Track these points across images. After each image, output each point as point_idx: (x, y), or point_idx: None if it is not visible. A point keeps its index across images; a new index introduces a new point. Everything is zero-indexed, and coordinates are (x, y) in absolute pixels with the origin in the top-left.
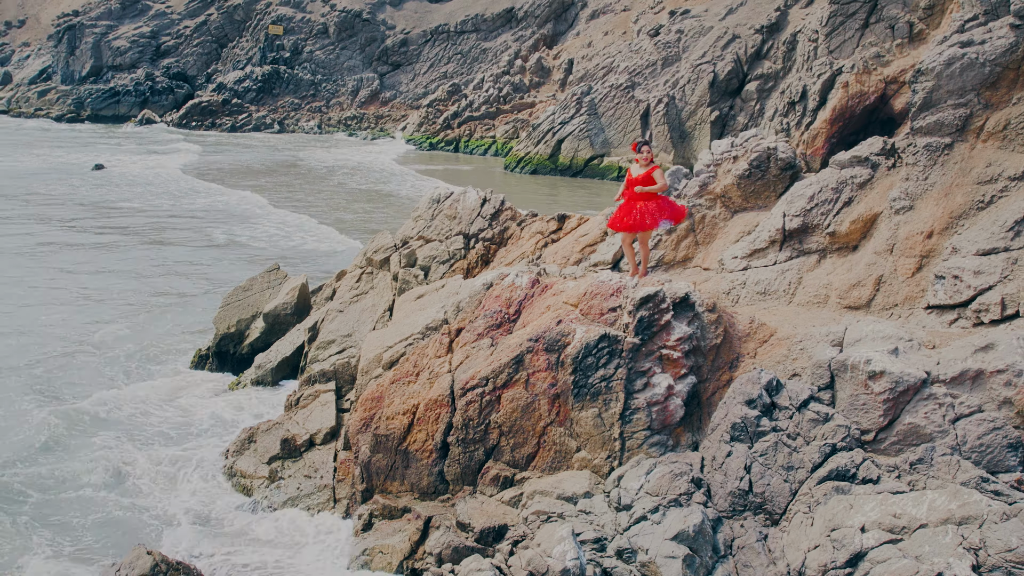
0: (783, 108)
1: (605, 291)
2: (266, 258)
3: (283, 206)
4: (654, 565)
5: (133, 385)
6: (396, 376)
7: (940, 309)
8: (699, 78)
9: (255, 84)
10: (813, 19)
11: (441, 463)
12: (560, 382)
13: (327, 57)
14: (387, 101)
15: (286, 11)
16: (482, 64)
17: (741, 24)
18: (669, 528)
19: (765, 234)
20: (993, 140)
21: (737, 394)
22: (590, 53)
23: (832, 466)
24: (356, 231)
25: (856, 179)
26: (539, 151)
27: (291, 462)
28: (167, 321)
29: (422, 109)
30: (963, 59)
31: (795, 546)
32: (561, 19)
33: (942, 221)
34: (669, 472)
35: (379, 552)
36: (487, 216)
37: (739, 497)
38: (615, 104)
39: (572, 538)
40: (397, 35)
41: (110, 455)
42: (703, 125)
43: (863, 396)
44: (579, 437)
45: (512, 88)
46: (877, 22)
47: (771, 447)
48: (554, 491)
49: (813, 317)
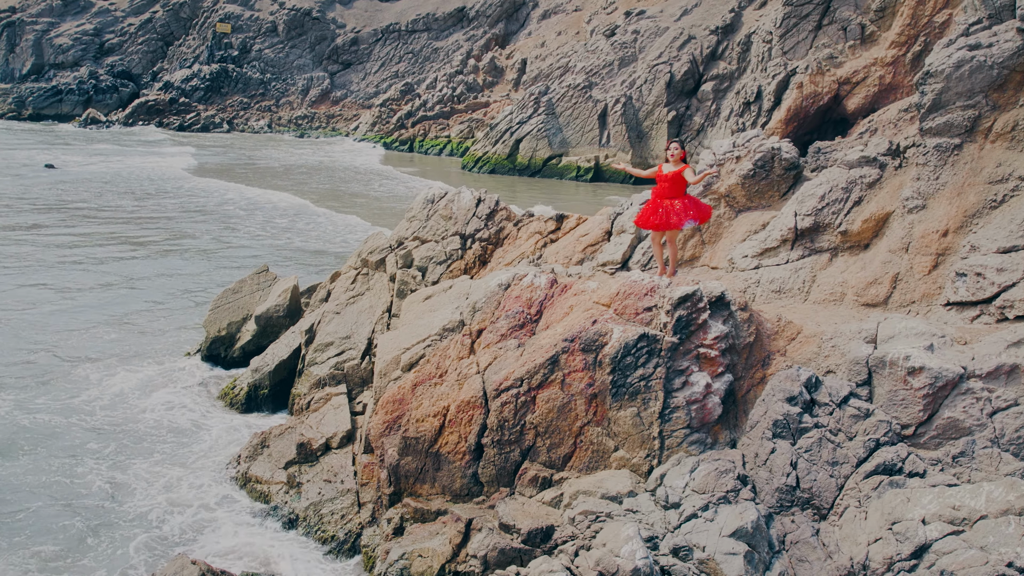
0: (739, 108)
1: (639, 291)
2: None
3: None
4: (713, 562)
5: (127, 387)
6: (419, 378)
7: (961, 305)
8: (656, 78)
9: (203, 83)
10: (767, 20)
11: (475, 465)
12: (598, 382)
13: (276, 56)
14: (338, 100)
15: (234, 9)
16: (434, 63)
17: (696, 25)
18: (726, 525)
19: (776, 233)
20: (1001, 141)
21: (776, 391)
22: (543, 53)
23: (878, 461)
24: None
25: (865, 179)
26: (497, 151)
27: (308, 467)
28: (159, 321)
29: (375, 108)
30: (972, 62)
31: (852, 539)
32: (513, 19)
33: (957, 220)
34: (714, 469)
35: (418, 556)
36: (482, 216)
37: (786, 493)
38: (573, 104)
39: (639, 537)
40: (347, 34)
41: (102, 463)
42: (660, 125)
43: (902, 392)
44: (617, 436)
45: (466, 88)
46: (830, 24)
47: (815, 443)
48: (597, 491)
49: (833, 315)
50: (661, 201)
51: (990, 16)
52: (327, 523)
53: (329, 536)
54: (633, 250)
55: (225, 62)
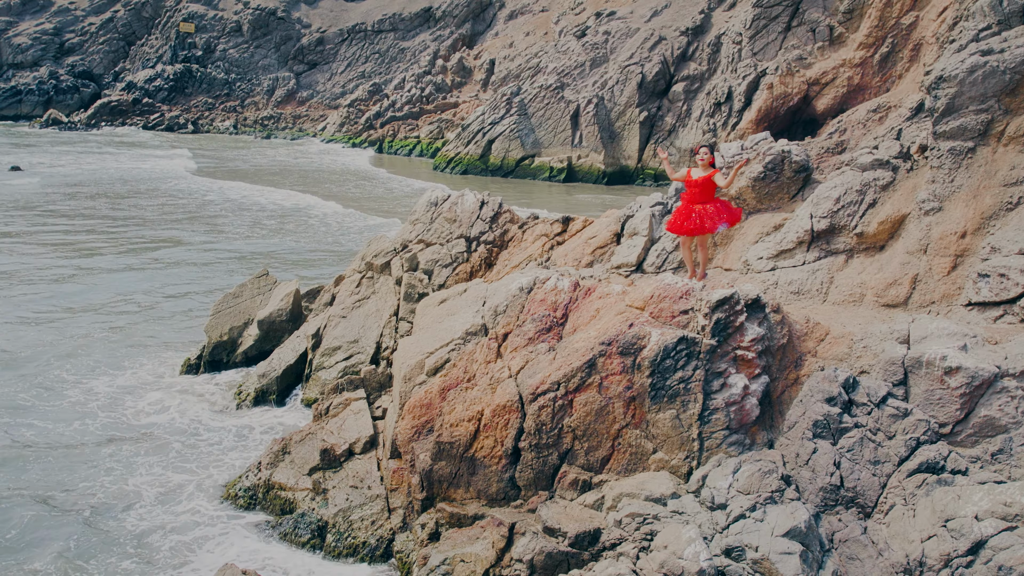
0: (709, 109)
1: (673, 294)
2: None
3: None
4: (768, 562)
5: (126, 394)
6: (447, 383)
7: (983, 306)
8: (627, 79)
9: (167, 83)
10: (736, 22)
11: (512, 469)
12: (636, 385)
13: (241, 56)
14: (304, 101)
15: (197, 8)
16: (401, 64)
17: (667, 26)
18: (777, 525)
19: (792, 235)
20: (1014, 144)
21: (815, 392)
22: (512, 53)
23: (921, 459)
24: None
25: (879, 181)
26: (470, 151)
27: (332, 472)
28: (155, 327)
29: (342, 109)
30: (985, 67)
31: (902, 537)
32: (479, 19)
33: (974, 222)
34: (757, 470)
35: (460, 561)
36: (486, 219)
37: (830, 492)
38: (545, 104)
39: (701, 539)
40: (313, 34)
41: (104, 470)
42: (632, 125)
43: (939, 391)
44: (655, 439)
45: (434, 88)
46: (799, 25)
47: (857, 443)
48: (640, 493)
49: (855, 315)
50: (693, 206)
51: (999, 22)
52: (357, 529)
53: (360, 542)
54: (647, 252)
55: (189, 62)
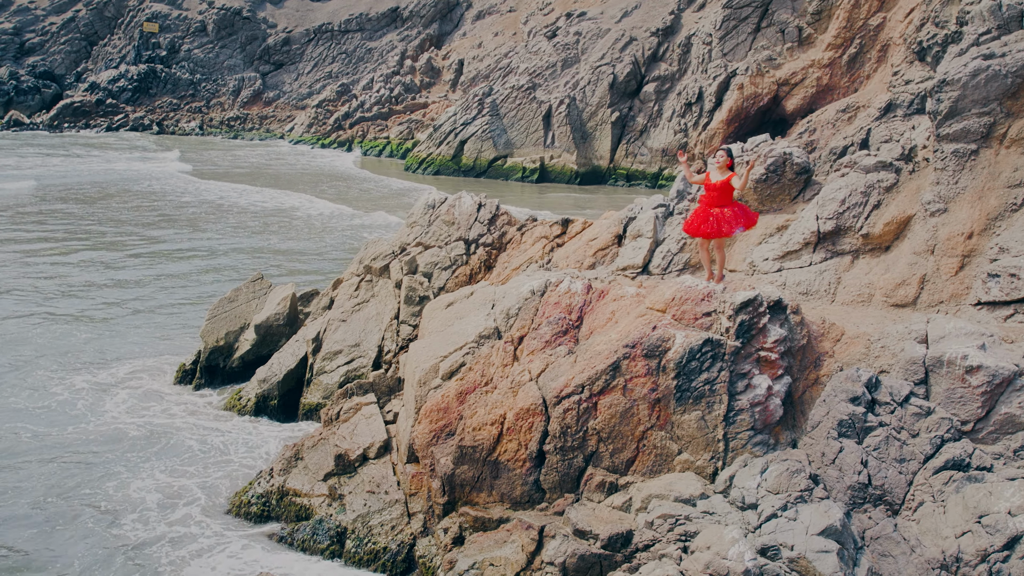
0: (680, 109)
1: (695, 296)
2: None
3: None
4: (804, 560)
5: (121, 402)
6: (464, 387)
7: (992, 305)
8: (599, 79)
9: (131, 84)
10: (706, 22)
11: (536, 472)
12: (661, 387)
13: (206, 56)
14: (271, 101)
15: (161, 8)
16: (368, 64)
17: (637, 27)
18: (812, 524)
19: (798, 236)
20: (1016, 146)
21: (838, 392)
22: (481, 53)
23: (947, 456)
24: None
25: (882, 183)
26: (442, 152)
27: (347, 478)
28: (146, 332)
29: (310, 110)
30: (988, 71)
31: (934, 533)
32: (447, 19)
33: (980, 223)
34: (785, 470)
35: (489, 565)
36: (484, 221)
37: (859, 490)
38: (517, 105)
39: (744, 539)
40: (279, 34)
41: (103, 481)
42: (604, 126)
43: (960, 389)
44: (680, 440)
45: (403, 88)
46: (768, 26)
47: (882, 441)
48: (669, 494)
49: (866, 316)
50: (711, 210)
51: (999, 27)
52: (377, 535)
53: (381, 548)
54: (652, 254)
55: (153, 62)
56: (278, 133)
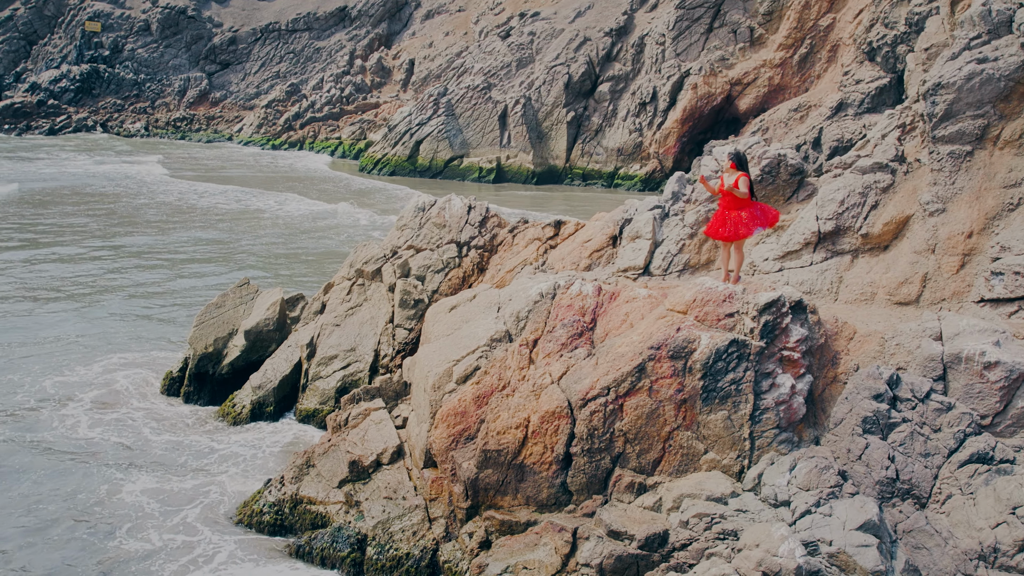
0: (635, 108)
1: (716, 298)
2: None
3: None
4: (845, 555)
5: (110, 411)
6: (481, 391)
7: (995, 302)
8: (554, 79)
9: (73, 84)
10: (659, 23)
11: (563, 474)
12: (688, 387)
13: (150, 56)
14: (217, 101)
15: (103, 6)
16: (316, 64)
17: (590, 27)
18: (849, 519)
19: (799, 236)
20: (1009, 148)
21: (861, 389)
22: (432, 53)
23: (971, 450)
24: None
25: (879, 184)
26: (397, 152)
27: (362, 484)
28: (126, 337)
29: (259, 110)
30: (982, 74)
31: (967, 524)
32: (396, 18)
33: (979, 222)
34: (814, 466)
35: (523, 568)
36: (475, 223)
37: (887, 485)
38: (472, 105)
39: (794, 536)
40: (225, 33)
41: (98, 491)
42: (560, 125)
43: (978, 385)
44: (707, 439)
45: (354, 88)
46: (720, 26)
47: (907, 437)
48: (701, 493)
49: (872, 314)
50: (728, 213)
51: (989, 31)
52: (398, 541)
53: (403, 554)
54: (652, 255)
55: (96, 62)
56: (226, 134)
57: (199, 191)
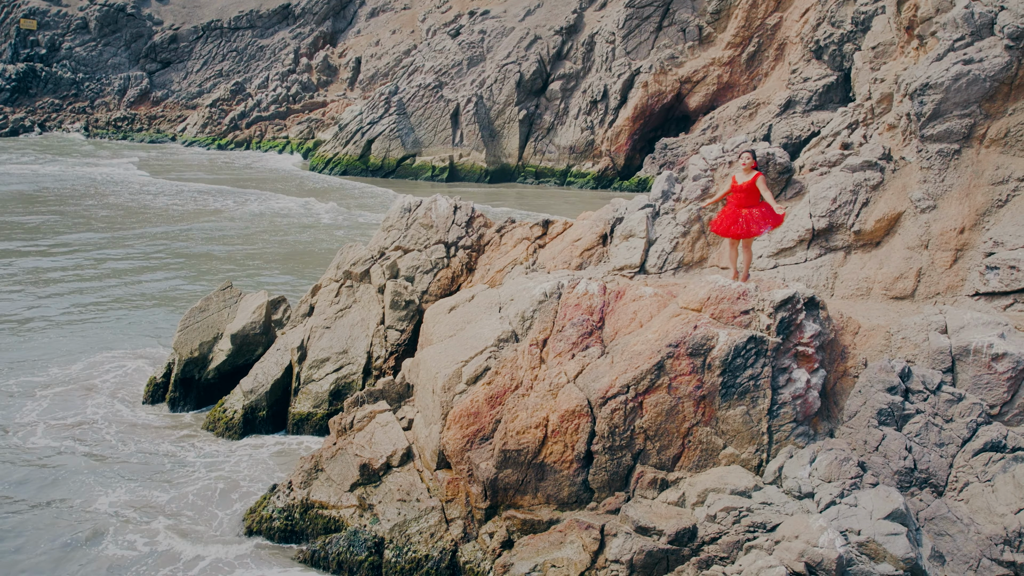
0: (586, 107)
1: (730, 295)
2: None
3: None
4: (874, 543)
5: (93, 421)
6: (493, 391)
7: (990, 296)
8: (506, 78)
9: (8, 83)
10: (609, 21)
11: (584, 472)
12: (707, 384)
13: (89, 54)
14: (159, 101)
15: (39, 4)
16: (260, 62)
17: (541, 25)
18: (876, 509)
19: (793, 234)
20: (995, 146)
21: (874, 382)
22: (379, 51)
23: (985, 439)
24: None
25: (869, 182)
26: (348, 152)
27: (373, 487)
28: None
29: (203, 109)
30: (968, 75)
31: (987, 510)
32: (340, 16)
33: (970, 218)
34: (834, 458)
35: (551, 566)
36: (462, 224)
37: (905, 475)
38: (424, 104)
39: (832, 527)
40: (166, 31)
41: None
42: (512, 124)
43: (987, 376)
44: (726, 435)
45: (301, 87)
46: (670, 25)
47: (922, 428)
48: (725, 487)
49: (871, 308)
50: (740, 210)
51: (972, 33)
52: (416, 543)
53: (422, 556)
54: (647, 254)
55: (32, 61)
56: (169, 134)
57: (156, 190)
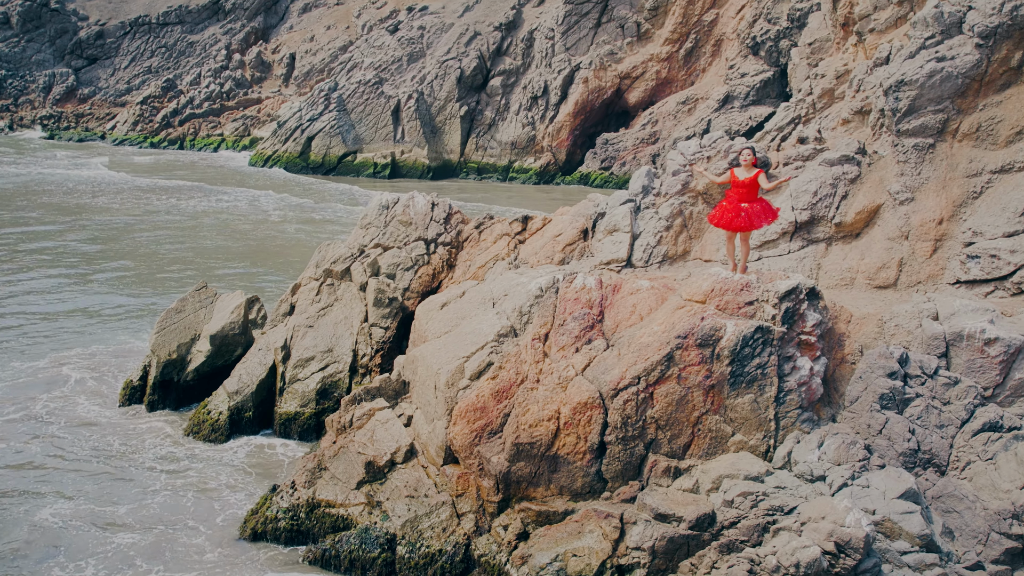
0: (527, 102)
1: (734, 287)
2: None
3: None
4: (890, 522)
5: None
6: (499, 386)
7: (971, 284)
8: (446, 74)
9: None
10: (547, 17)
11: (597, 463)
12: (716, 373)
13: (12, 50)
14: (86, 98)
15: None
16: (190, 59)
17: (480, 21)
18: (889, 489)
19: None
20: (967, 140)
21: (875, 368)
22: (314, 47)
23: (983, 420)
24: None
25: (847, 175)
26: (288, 149)
27: (379, 485)
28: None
29: (134, 107)
30: (942, 72)
31: (992, 487)
32: (271, 12)
33: (948, 209)
34: (842, 442)
35: (572, 555)
36: (440, 220)
37: (909, 456)
38: (365, 100)
39: (857, 508)
40: (92, 27)
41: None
42: (453, 120)
43: (980, 360)
44: (734, 422)
45: (234, 84)
46: (608, 21)
47: (923, 411)
48: (738, 473)
49: (857, 297)
50: (742, 204)
51: (942, 32)
52: (429, 538)
53: (436, 550)
54: (632, 248)
55: None
56: (99, 132)
57: (94, 189)
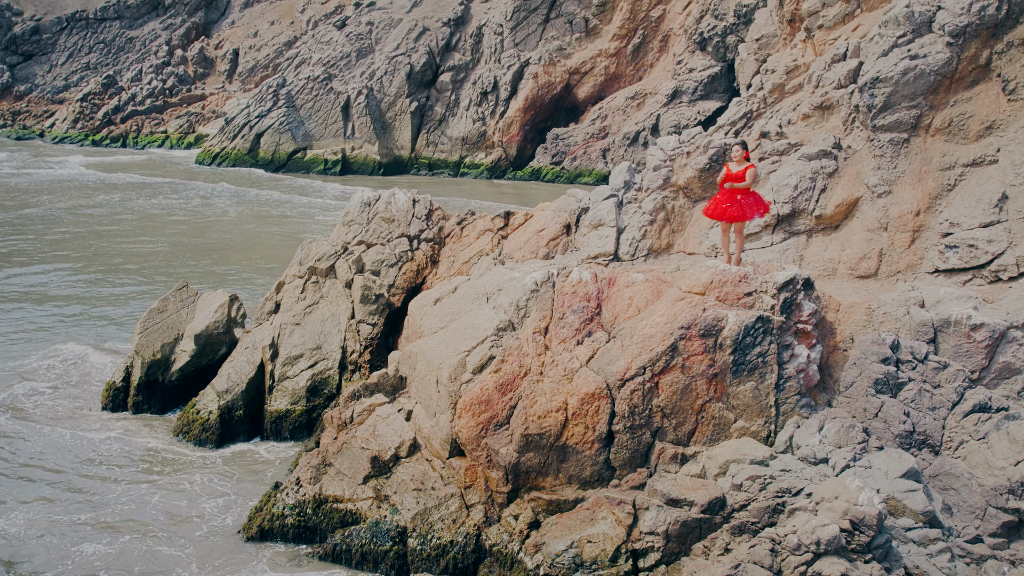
0: (477, 98)
1: (733, 279)
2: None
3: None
4: (895, 500)
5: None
6: (503, 379)
7: (949, 272)
8: (396, 70)
9: None
10: (496, 13)
11: (606, 452)
12: (718, 362)
13: None
14: (22, 95)
15: None
16: (130, 55)
17: (428, 16)
18: (891, 469)
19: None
20: (940, 135)
21: (868, 355)
22: (258, 43)
23: (973, 402)
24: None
25: (825, 169)
26: (236, 146)
27: (385, 479)
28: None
29: (74, 104)
30: (915, 69)
31: (986, 465)
32: (212, 7)
33: (924, 202)
34: (841, 426)
35: (587, 542)
36: (422, 216)
37: (905, 438)
38: (314, 96)
39: (869, 487)
40: (27, 22)
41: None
42: (403, 116)
43: (966, 345)
44: (736, 409)
45: (177, 80)
46: (557, 17)
47: (916, 394)
48: (744, 458)
49: (842, 287)
50: (736, 196)
51: (913, 30)
52: (439, 530)
53: (447, 542)
54: (618, 242)
55: None
56: (37, 130)
57: (33, 187)
